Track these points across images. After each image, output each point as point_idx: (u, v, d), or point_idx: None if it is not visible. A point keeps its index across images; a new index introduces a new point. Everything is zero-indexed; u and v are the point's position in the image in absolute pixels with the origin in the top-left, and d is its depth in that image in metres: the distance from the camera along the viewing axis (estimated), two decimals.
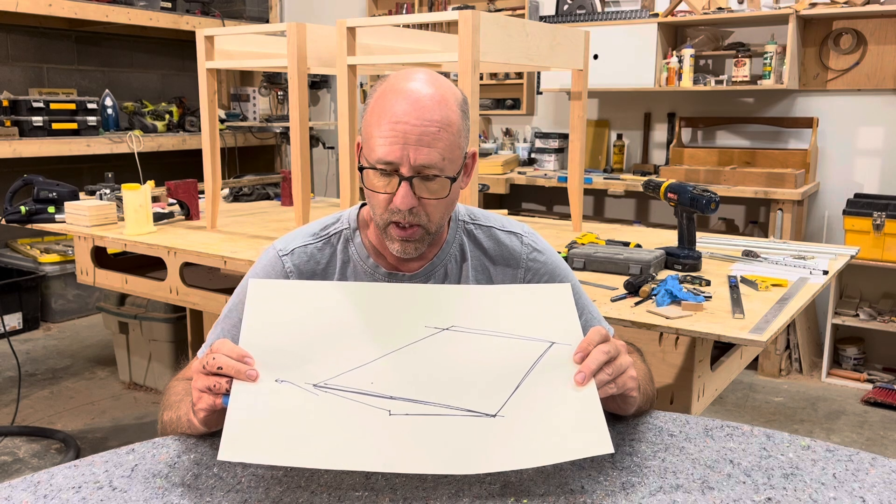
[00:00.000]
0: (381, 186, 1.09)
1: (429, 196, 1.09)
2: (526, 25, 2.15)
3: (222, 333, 1.19)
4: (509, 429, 0.90)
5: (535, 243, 1.25)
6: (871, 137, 3.70)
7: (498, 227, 1.25)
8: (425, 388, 0.95)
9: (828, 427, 3.12)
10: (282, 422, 0.89)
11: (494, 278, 1.23)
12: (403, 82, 1.09)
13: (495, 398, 0.93)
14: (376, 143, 1.07)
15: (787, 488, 0.92)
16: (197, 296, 2.39)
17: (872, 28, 3.59)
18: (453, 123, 1.08)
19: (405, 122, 1.05)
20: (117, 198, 2.76)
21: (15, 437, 2.97)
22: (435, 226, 1.12)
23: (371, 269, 1.19)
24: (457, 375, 0.97)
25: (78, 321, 4.56)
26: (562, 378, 0.95)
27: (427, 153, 1.06)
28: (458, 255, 1.22)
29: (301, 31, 2.30)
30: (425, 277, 1.20)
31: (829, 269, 1.93)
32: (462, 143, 1.11)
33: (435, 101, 1.07)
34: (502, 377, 0.96)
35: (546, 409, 0.92)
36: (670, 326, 1.50)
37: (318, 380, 0.94)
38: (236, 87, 5.48)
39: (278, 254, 1.20)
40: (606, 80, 3.90)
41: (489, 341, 1.01)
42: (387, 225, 1.11)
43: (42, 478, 0.94)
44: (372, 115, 1.09)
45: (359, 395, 0.93)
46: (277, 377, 0.94)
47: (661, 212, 4.27)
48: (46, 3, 4.04)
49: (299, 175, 2.39)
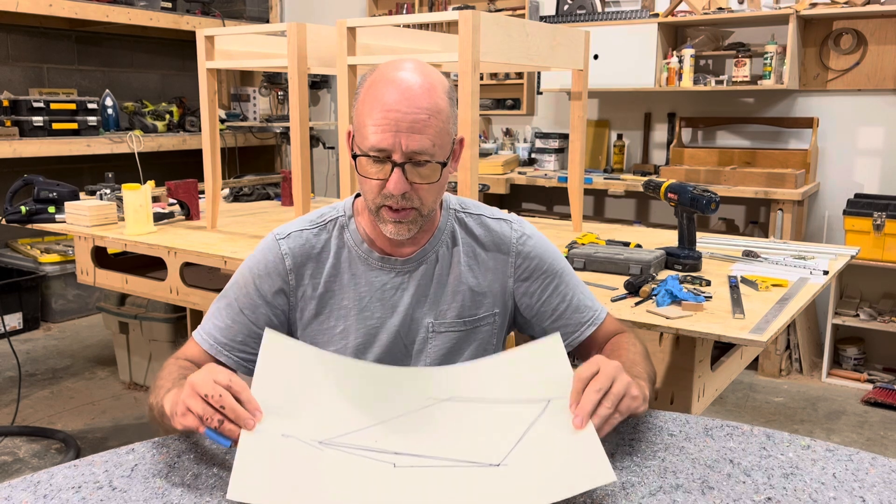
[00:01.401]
0: (374, 173, 1.12)
1: (420, 181, 1.13)
2: (526, 25, 2.15)
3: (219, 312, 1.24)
4: (513, 475, 0.92)
5: (524, 229, 1.30)
6: (872, 137, 3.70)
7: (487, 215, 1.30)
8: (429, 446, 0.97)
9: (828, 427, 3.11)
10: (289, 470, 0.91)
11: (484, 264, 1.27)
12: (393, 72, 1.12)
13: (498, 451, 0.96)
14: (369, 130, 1.10)
15: (787, 488, 0.92)
16: (197, 296, 2.39)
17: (872, 28, 3.59)
18: (442, 110, 1.12)
19: (396, 109, 1.08)
20: (117, 198, 2.75)
21: (15, 436, 2.97)
22: (427, 209, 1.16)
23: (365, 254, 1.23)
24: (459, 435, 0.99)
25: (78, 321, 4.56)
26: (561, 425, 0.97)
27: (418, 140, 1.09)
28: (450, 240, 1.26)
29: (301, 31, 2.30)
30: (417, 262, 1.23)
31: (829, 270, 1.93)
32: (451, 129, 1.15)
33: (424, 89, 1.10)
34: (504, 435, 0.98)
35: (548, 454, 0.94)
36: (670, 326, 1.50)
37: (324, 437, 0.96)
38: (236, 87, 5.48)
39: (275, 237, 1.24)
40: (606, 80, 3.90)
41: (489, 407, 1.04)
42: (379, 208, 1.15)
43: (42, 478, 0.94)
44: (363, 105, 1.12)
45: (363, 450, 0.95)
46: (284, 432, 0.96)
47: (662, 212, 4.27)
48: (47, 3, 4.04)
49: (299, 175, 2.39)
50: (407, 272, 1.23)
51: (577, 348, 1.29)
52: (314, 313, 1.24)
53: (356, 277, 1.23)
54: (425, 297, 1.24)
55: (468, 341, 1.26)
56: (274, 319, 1.23)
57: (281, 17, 5.60)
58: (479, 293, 1.26)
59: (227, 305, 1.24)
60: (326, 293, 1.23)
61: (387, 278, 1.23)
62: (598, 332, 1.29)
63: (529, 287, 1.28)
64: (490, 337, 1.28)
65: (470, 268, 1.26)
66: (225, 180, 3.34)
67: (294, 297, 1.23)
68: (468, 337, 1.26)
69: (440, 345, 1.24)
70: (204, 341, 1.23)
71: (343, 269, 1.23)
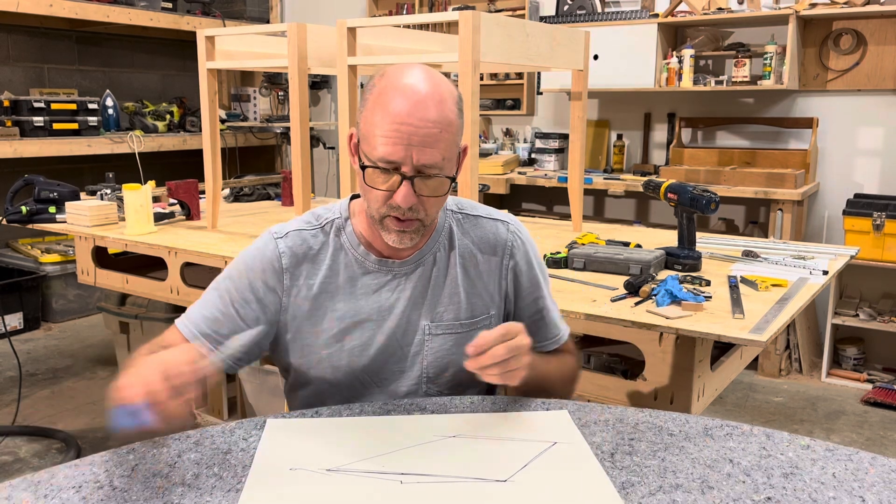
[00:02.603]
0: (381, 183, 1.12)
1: (428, 194, 1.12)
2: (526, 26, 2.15)
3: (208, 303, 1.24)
4: (520, 491, 0.92)
5: (520, 233, 1.31)
6: (871, 138, 3.70)
7: (484, 216, 1.31)
8: (436, 468, 0.98)
9: (828, 427, 3.12)
10: (297, 495, 0.91)
11: (480, 265, 1.27)
12: (403, 79, 1.10)
13: (505, 470, 0.96)
14: (378, 141, 1.09)
15: (787, 488, 0.92)
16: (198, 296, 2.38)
17: (872, 28, 3.59)
18: (452, 123, 1.11)
19: (408, 123, 1.07)
20: (118, 198, 2.76)
21: (16, 436, 2.97)
22: (430, 219, 1.17)
23: (362, 256, 1.23)
24: (466, 459, 1.00)
25: (79, 321, 4.56)
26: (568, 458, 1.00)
27: (430, 154, 1.09)
28: (447, 243, 1.26)
29: (301, 32, 2.30)
30: (415, 264, 1.23)
31: (828, 270, 1.93)
32: (459, 140, 1.15)
33: (435, 101, 1.09)
34: (511, 458, 0.99)
35: (555, 477, 0.95)
36: (670, 326, 1.50)
37: (331, 466, 0.98)
38: (237, 88, 5.48)
39: (273, 236, 1.24)
40: (606, 80, 3.90)
41: (495, 441, 1.06)
42: (383, 217, 1.14)
43: (43, 477, 0.94)
44: (372, 114, 1.10)
45: (371, 473, 0.96)
46: (292, 466, 0.97)
47: (661, 212, 4.27)
48: (47, 4, 4.04)
49: (300, 175, 2.39)
50: (404, 275, 1.23)
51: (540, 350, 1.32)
52: (307, 315, 1.22)
53: (352, 280, 1.23)
54: (422, 299, 1.23)
55: (465, 343, 1.25)
56: (262, 317, 1.21)
57: (281, 18, 5.60)
58: (474, 295, 1.26)
59: (217, 297, 1.23)
60: (321, 294, 1.22)
61: (383, 281, 1.23)
62: (561, 347, 1.34)
63: (522, 288, 1.30)
64: None
65: (466, 270, 1.26)
66: (225, 180, 3.34)
67: (287, 296, 1.22)
68: (465, 339, 1.25)
69: (436, 347, 1.24)
70: (186, 328, 1.22)
71: (339, 271, 1.23)
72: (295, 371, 1.27)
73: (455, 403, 1.18)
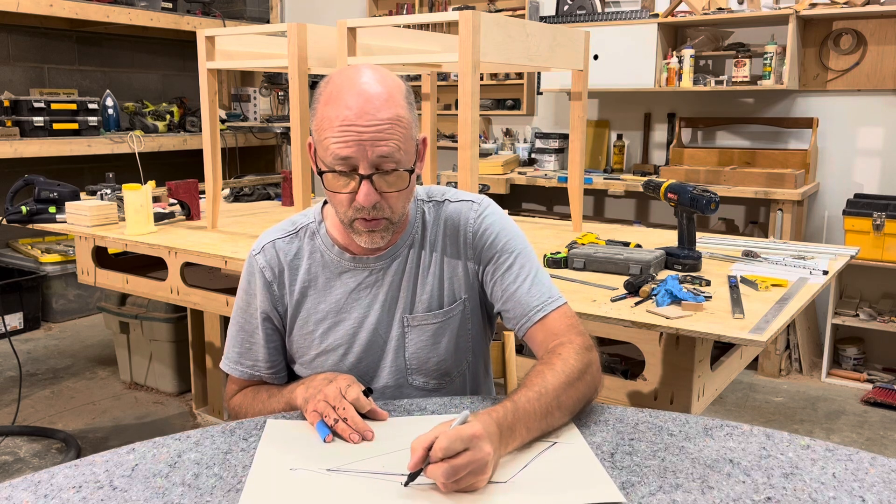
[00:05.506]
0: (342, 187, 1.13)
1: (389, 189, 1.13)
2: (526, 26, 2.15)
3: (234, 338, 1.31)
4: (522, 490, 0.92)
5: (483, 208, 1.27)
6: (871, 138, 3.70)
7: (451, 199, 1.29)
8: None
9: (828, 427, 3.12)
10: (297, 495, 0.91)
11: (448, 249, 1.27)
12: (348, 83, 1.11)
13: (505, 471, 0.96)
14: (331, 145, 1.10)
15: (787, 488, 0.92)
16: (198, 296, 2.40)
17: (872, 28, 3.59)
18: (403, 118, 1.12)
19: (358, 124, 1.08)
20: (118, 198, 2.76)
21: (16, 436, 2.97)
22: (398, 216, 1.17)
23: (337, 256, 1.25)
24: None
25: (79, 321, 4.56)
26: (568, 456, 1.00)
27: (383, 149, 1.09)
28: (419, 233, 1.27)
29: (302, 32, 2.30)
30: (390, 259, 1.25)
31: (828, 270, 1.93)
32: (413, 133, 1.15)
33: (383, 99, 1.10)
34: (511, 459, 0.99)
35: (555, 476, 0.95)
36: (670, 326, 1.50)
37: (332, 466, 0.98)
38: (237, 88, 5.48)
39: (252, 254, 1.28)
40: (606, 80, 3.90)
41: None
42: (352, 221, 1.15)
43: (43, 477, 0.94)
44: (322, 121, 1.12)
45: (371, 473, 0.96)
46: (292, 466, 0.98)
47: (661, 212, 4.27)
48: (47, 4, 4.04)
49: (300, 175, 2.39)
50: (380, 269, 1.25)
51: (526, 337, 1.24)
52: (296, 318, 1.27)
53: (330, 281, 1.25)
54: (399, 292, 1.25)
55: (443, 331, 1.26)
56: (280, 329, 1.28)
57: (281, 18, 5.60)
58: (447, 281, 1.26)
59: (238, 330, 1.30)
60: (303, 298, 1.26)
61: (361, 278, 1.25)
62: (547, 323, 1.21)
63: (486, 266, 1.26)
64: (464, 322, 1.28)
65: (437, 257, 1.26)
66: (225, 180, 3.34)
67: (282, 304, 1.27)
68: (443, 327, 1.26)
69: (416, 338, 1.25)
70: (234, 370, 1.30)
71: (317, 274, 1.25)
72: (294, 372, 1.32)
73: (455, 404, 1.18)
